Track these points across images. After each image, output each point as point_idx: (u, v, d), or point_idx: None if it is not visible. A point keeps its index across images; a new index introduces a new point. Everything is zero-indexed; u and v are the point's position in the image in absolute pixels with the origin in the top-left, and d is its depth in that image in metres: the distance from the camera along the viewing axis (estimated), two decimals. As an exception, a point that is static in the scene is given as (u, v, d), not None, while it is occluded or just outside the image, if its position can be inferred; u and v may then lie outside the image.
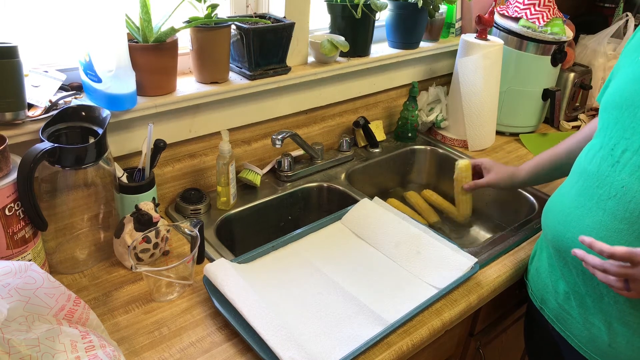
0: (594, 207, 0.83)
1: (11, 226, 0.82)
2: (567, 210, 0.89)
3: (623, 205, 0.79)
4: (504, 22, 1.61)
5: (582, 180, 0.88)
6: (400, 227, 1.11)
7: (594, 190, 0.84)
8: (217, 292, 0.89)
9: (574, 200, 0.88)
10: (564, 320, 0.94)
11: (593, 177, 0.85)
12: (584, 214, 0.85)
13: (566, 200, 0.91)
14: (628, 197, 0.78)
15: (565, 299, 0.93)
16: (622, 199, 0.79)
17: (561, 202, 0.92)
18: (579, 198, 0.87)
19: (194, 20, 1.08)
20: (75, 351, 0.66)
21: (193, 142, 1.22)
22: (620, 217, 0.79)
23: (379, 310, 0.90)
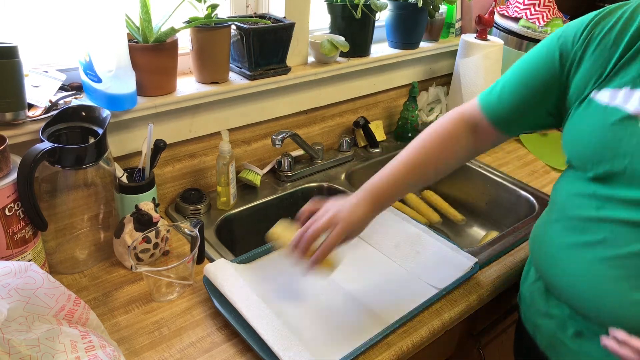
0: (581, 250, 0.77)
1: (11, 226, 0.82)
2: (554, 248, 0.83)
3: (615, 251, 0.73)
4: (504, 22, 1.61)
5: (564, 220, 0.81)
6: (400, 227, 1.11)
7: (580, 234, 0.78)
8: (217, 292, 0.89)
9: (559, 236, 0.82)
10: (558, 349, 0.87)
11: (575, 221, 0.79)
12: (572, 257, 0.79)
13: (552, 234, 0.84)
14: (619, 242, 0.72)
15: (559, 327, 0.86)
16: (612, 244, 0.73)
17: (547, 235, 0.85)
18: (564, 238, 0.81)
19: (194, 20, 1.08)
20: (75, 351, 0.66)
21: (193, 142, 1.22)
22: (614, 265, 0.73)
23: (378, 311, 0.90)
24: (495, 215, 1.44)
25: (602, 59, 0.76)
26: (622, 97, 0.73)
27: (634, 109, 0.71)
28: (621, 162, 0.72)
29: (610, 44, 0.75)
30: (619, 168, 0.72)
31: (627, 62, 0.73)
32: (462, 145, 0.94)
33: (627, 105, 0.72)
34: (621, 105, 0.72)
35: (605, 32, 0.76)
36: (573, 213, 0.80)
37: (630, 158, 0.71)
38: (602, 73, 0.76)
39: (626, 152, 0.71)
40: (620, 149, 0.72)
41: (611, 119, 0.73)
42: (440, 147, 0.93)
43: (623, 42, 0.74)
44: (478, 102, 0.93)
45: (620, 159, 0.72)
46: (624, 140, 0.72)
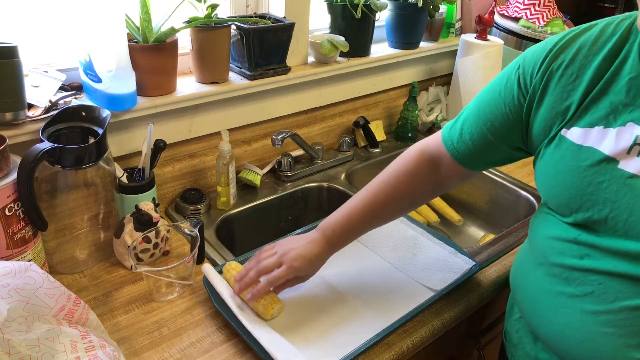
0: (568, 303, 0.71)
1: (11, 226, 0.82)
2: (538, 295, 0.76)
3: (604, 306, 0.67)
4: (504, 22, 1.61)
5: (546, 266, 0.74)
6: (397, 229, 1.11)
7: (565, 284, 0.71)
8: (216, 292, 0.89)
9: (543, 283, 0.75)
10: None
11: (557, 268, 0.72)
12: (557, 309, 0.72)
13: (534, 280, 0.77)
14: (609, 296, 0.66)
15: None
16: (601, 298, 0.67)
17: (530, 280, 0.79)
18: (548, 285, 0.74)
19: (194, 20, 1.08)
20: (75, 351, 0.66)
21: (193, 142, 1.22)
22: (604, 320, 0.67)
23: (374, 315, 0.90)
24: (495, 215, 1.44)
25: (566, 94, 0.70)
26: (596, 137, 0.67)
27: (610, 150, 0.65)
28: (602, 210, 0.66)
29: (573, 77, 0.69)
30: (600, 216, 0.66)
31: (596, 97, 0.67)
32: (426, 182, 0.89)
33: (601, 146, 0.66)
34: (596, 146, 0.67)
35: (567, 65, 0.70)
36: (555, 260, 0.73)
37: (612, 205, 0.65)
38: (568, 110, 0.70)
39: (607, 199, 0.65)
40: (600, 196, 0.66)
41: (587, 162, 0.67)
42: (402, 185, 0.89)
43: (587, 75, 0.68)
44: (441, 137, 0.87)
45: (601, 207, 0.66)
46: (602, 186, 0.66)
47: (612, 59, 0.67)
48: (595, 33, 0.70)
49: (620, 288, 0.65)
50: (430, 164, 0.88)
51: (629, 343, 0.65)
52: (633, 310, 0.64)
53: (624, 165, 0.64)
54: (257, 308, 0.86)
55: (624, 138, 0.65)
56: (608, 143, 0.66)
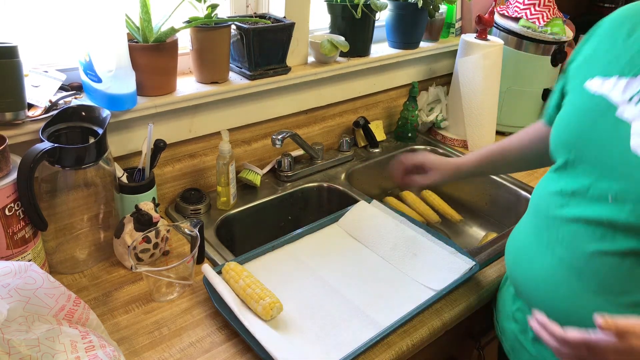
0: (543, 249, 0.78)
1: (11, 226, 0.82)
2: (520, 248, 0.85)
3: (570, 252, 0.73)
4: (504, 22, 1.60)
5: (534, 218, 0.83)
6: (397, 229, 1.11)
7: (544, 231, 0.79)
8: (216, 292, 0.89)
9: (527, 237, 0.84)
10: (518, 352, 0.89)
11: (542, 217, 0.80)
12: (534, 256, 0.80)
13: (521, 235, 0.86)
14: (575, 242, 0.73)
15: (521, 331, 0.88)
16: (569, 244, 0.74)
17: (518, 236, 0.87)
18: (530, 236, 0.82)
19: (194, 20, 1.08)
20: (75, 351, 0.66)
21: (193, 142, 1.22)
22: (568, 264, 0.74)
23: (373, 314, 0.90)
24: (495, 215, 1.44)
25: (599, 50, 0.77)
26: (610, 86, 0.73)
27: (616, 97, 0.71)
28: (590, 151, 0.72)
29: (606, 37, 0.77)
30: (586, 156, 0.73)
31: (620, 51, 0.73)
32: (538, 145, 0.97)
33: (611, 93, 0.72)
34: (606, 94, 0.72)
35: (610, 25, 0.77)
36: (543, 211, 0.80)
37: (598, 147, 0.71)
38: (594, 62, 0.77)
39: (597, 140, 0.72)
40: (593, 137, 0.72)
41: (593, 106, 0.73)
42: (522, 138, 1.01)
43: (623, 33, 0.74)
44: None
45: (591, 147, 0.72)
46: (597, 128, 0.72)
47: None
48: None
49: (586, 233, 0.72)
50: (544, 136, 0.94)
51: (588, 287, 0.72)
52: (593, 255, 0.71)
53: (621, 112, 0.70)
54: (256, 309, 0.86)
55: (631, 87, 0.70)
56: (617, 91, 0.72)
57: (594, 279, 0.71)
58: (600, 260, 0.70)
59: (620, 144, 0.69)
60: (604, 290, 0.71)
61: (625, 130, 0.68)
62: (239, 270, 0.91)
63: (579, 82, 0.78)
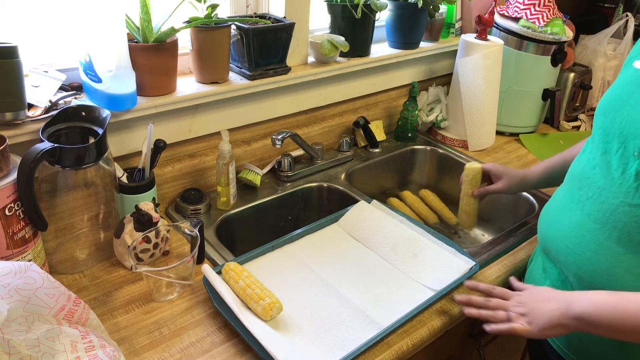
0: (574, 207, 0.86)
1: (11, 226, 0.82)
2: (552, 211, 0.92)
3: (597, 206, 0.81)
4: (504, 22, 1.60)
5: (569, 183, 0.90)
6: (397, 229, 1.11)
7: (576, 191, 0.86)
8: (216, 292, 0.89)
9: (559, 201, 0.91)
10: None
11: (577, 179, 0.87)
12: (565, 214, 0.88)
13: (554, 201, 0.94)
14: (602, 198, 0.80)
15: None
16: (597, 199, 0.81)
17: (551, 203, 0.95)
18: (563, 199, 0.90)
19: (194, 20, 1.08)
20: (75, 351, 0.66)
21: (193, 142, 1.22)
22: (594, 218, 0.81)
23: (373, 314, 0.90)
24: (495, 216, 1.44)
25: None
26: None
27: None
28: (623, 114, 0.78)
29: None
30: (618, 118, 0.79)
31: None
32: None
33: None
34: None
35: None
36: (575, 175, 0.88)
37: (630, 110, 0.77)
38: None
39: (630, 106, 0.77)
40: (627, 102, 0.78)
41: (634, 79, 0.80)
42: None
43: None
44: None
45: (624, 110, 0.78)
46: (633, 95, 0.78)
47: None
48: None
49: (613, 188, 0.79)
50: None
51: (610, 236, 0.79)
52: (617, 207, 0.78)
53: None
54: (256, 309, 0.86)
55: None
56: None
57: (615, 229, 0.78)
58: (623, 211, 0.77)
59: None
60: (624, 240, 0.77)
61: None
62: (239, 271, 0.91)
63: (630, 62, 0.85)
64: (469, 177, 1.20)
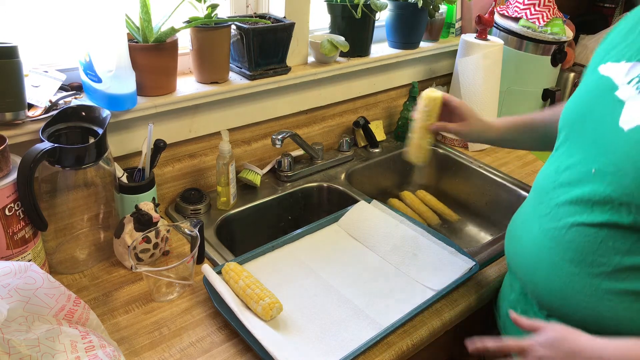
0: (533, 222, 0.82)
1: (11, 226, 0.82)
2: (515, 225, 0.89)
3: (553, 224, 0.77)
4: (504, 22, 1.61)
5: (533, 195, 0.87)
6: (397, 229, 1.11)
7: (536, 206, 0.83)
8: (216, 292, 0.89)
9: (522, 215, 0.88)
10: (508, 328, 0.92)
11: (538, 194, 0.84)
12: (525, 229, 0.84)
13: (519, 214, 0.91)
14: (558, 215, 0.77)
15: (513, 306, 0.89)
16: (554, 217, 0.78)
17: (516, 217, 0.92)
18: (525, 213, 0.87)
19: (194, 20, 1.08)
20: (75, 351, 0.66)
21: (193, 142, 1.22)
22: (550, 236, 0.78)
23: (373, 314, 0.90)
24: (495, 215, 1.44)
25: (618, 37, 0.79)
26: (616, 69, 0.75)
27: (619, 79, 0.74)
28: (586, 127, 0.75)
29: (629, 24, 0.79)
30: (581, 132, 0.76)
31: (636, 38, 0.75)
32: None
33: (616, 76, 0.74)
34: (612, 76, 0.75)
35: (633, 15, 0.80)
36: (538, 189, 0.84)
37: (593, 123, 0.74)
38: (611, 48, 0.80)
39: (593, 117, 0.74)
40: (591, 113, 0.75)
41: (599, 86, 0.76)
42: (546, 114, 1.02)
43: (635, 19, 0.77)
44: None
45: (588, 124, 0.75)
46: (597, 105, 0.75)
47: None
48: None
49: (568, 208, 0.75)
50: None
51: (564, 257, 0.75)
52: (572, 227, 0.74)
53: (619, 92, 0.73)
54: (256, 309, 0.86)
55: (634, 70, 0.73)
56: (621, 74, 0.74)
57: (570, 249, 0.75)
58: (577, 231, 0.74)
59: (611, 121, 0.71)
60: (578, 261, 0.74)
61: (618, 109, 0.71)
62: (239, 271, 0.91)
63: (595, 66, 0.81)
64: (428, 107, 1.02)
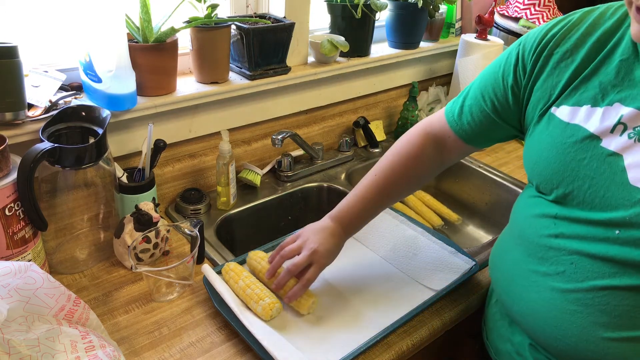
0: (540, 281, 0.73)
1: (11, 226, 0.82)
2: (511, 275, 0.79)
3: (573, 285, 0.69)
4: (504, 22, 1.61)
5: (523, 245, 0.77)
6: (397, 229, 1.11)
7: (538, 263, 0.74)
8: (216, 292, 0.89)
9: (517, 264, 0.78)
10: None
11: (534, 247, 0.75)
12: (530, 287, 0.75)
13: (511, 258, 0.80)
14: (579, 276, 0.68)
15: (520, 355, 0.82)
16: (571, 277, 0.69)
17: (507, 258, 0.82)
18: (522, 265, 0.77)
19: (194, 20, 1.08)
20: (75, 351, 0.66)
21: (193, 142, 1.22)
22: (572, 299, 0.69)
23: (374, 314, 0.90)
24: (495, 216, 1.44)
25: (559, 72, 0.72)
26: (583, 116, 0.69)
27: (595, 128, 0.67)
28: (581, 187, 0.68)
29: (567, 55, 0.72)
30: (580, 192, 0.69)
31: (587, 77, 0.70)
32: (430, 161, 0.93)
33: (587, 124, 0.68)
34: (582, 124, 0.69)
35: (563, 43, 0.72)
36: (533, 238, 0.75)
37: (590, 181, 0.67)
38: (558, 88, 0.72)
39: (586, 176, 0.68)
40: (581, 172, 0.68)
41: (572, 139, 0.69)
42: (409, 165, 0.92)
43: (580, 55, 0.70)
44: (445, 116, 0.90)
45: (581, 182, 0.68)
46: (584, 162, 0.68)
47: (607, 41, 0.69)
48: (595, 15, 0.72)
49: (591, 268, 0.67)
50: (435, 145, 0.91)
51: (596, 321, 0.67)
52: (601, 290, 0.67)
53: (606, 143, 0.67)
54: (256, 309, 0.86)
55: (609, 117, 0.67)
56: (594, 121, 0.68)
57: (604, 314, 0.67)
58: (611, 295, 0.66)
59: (616, 178, 0.65)
60: (614, 325, 0.67)
61: (616, 164, 0.66)
62: (239, 271, 0.91)
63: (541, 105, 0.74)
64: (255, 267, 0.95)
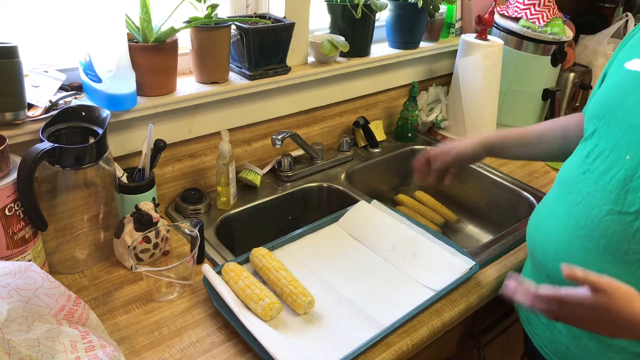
0: (563, 212, 0.84)
1: (11, 226, 0.82)
2: (541, 215, 0.90)
3: (586, 212, 0.79)
4: (504, 22, 1.60)
5: (558, 186, 0.89)
6: (397, 229, 1.11)
7: (565, 196, 0.84)
8: (216, 292, 0.89)
9: (548, 206, 0.89)
10: (532, 321, 0.94)
11: (566, 184, 0.85)
12: (554, 220, 0.85)
13: (544, 206, 0.92)
14: (591, 204, 0.78)
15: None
16: (586, 205, 0.79)
17: (540, 208, 0.93)
18: (552, 204, 0.88)
19: (194, 20, 1.08)
20: (75, 351, 0.66)
21: (193, 142, 1.22)
22: (583, 224, 0.79)
23: (373, 314, 0.90)
24: (495, 216, 1.44)
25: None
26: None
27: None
28: (617, 116, 0.77)
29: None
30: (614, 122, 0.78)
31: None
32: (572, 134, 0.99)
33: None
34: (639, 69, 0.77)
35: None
36: (565, 179, 0.86)
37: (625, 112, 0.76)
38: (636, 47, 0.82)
39: (626, 107, 0.77)
40: (623, 104, 0.77)
41: (628, 80, 0.79)
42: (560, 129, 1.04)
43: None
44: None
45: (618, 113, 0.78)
46: (628, 97, 0.77)
47: None
48: None
49: (603, 194, 0.77)
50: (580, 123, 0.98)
51: (597, 246, 0.77)
52: (606, 215, 0.76)
53: None
54: (256, 309, 0.86)
55: None
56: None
57: (604, 237, 0.76)
58: (612, 219, 0.75)
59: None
60: (613, 249, 0.75)
61: None
62: (239, 271, 0.91)
63: (620, 64, 0.83)
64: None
